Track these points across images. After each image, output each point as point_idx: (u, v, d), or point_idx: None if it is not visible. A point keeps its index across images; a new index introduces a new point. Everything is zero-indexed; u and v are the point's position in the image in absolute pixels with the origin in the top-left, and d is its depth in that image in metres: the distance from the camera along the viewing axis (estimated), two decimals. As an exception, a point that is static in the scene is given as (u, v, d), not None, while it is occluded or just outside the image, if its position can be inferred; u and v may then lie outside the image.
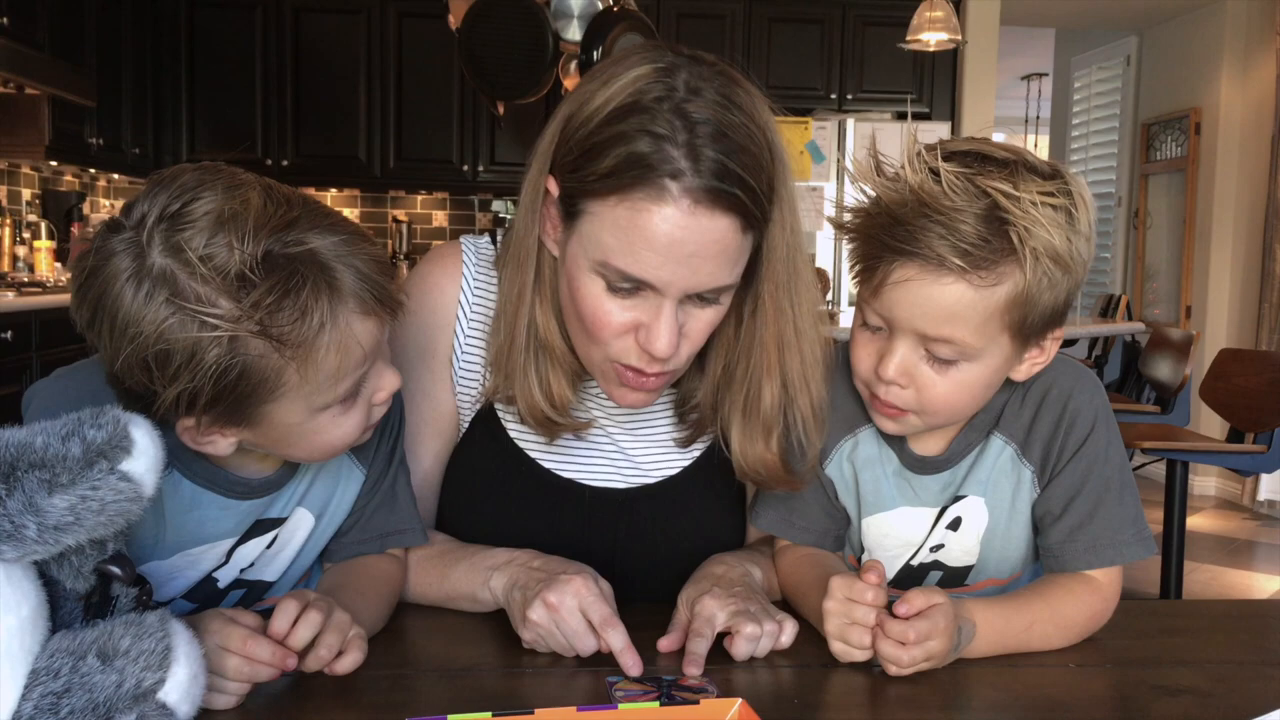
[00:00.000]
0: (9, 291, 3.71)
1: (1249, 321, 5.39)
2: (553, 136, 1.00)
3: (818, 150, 5.40)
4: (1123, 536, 1.03)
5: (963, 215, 0.91)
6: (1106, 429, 1.05)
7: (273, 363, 0.83)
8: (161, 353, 0.81)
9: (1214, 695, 0.90)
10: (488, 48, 3.89)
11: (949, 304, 0.93)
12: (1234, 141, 5.51)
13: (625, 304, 0.97)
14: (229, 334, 0.81)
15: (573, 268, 0.99)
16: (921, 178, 0.92)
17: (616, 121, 0.92)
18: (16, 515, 0.68)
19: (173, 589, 1.00)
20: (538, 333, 1.06)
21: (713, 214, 0.92)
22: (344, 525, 1.08)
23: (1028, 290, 0.93)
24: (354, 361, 0.88)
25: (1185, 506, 3.40)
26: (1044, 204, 0.91)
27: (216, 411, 0.85)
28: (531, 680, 0.92)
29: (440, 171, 5.70)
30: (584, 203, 0.95)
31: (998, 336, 0.96)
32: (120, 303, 0.81)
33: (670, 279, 0.94)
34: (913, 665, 0.91)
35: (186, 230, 0.81)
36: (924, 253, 0.91)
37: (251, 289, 0.81)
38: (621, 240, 0.93)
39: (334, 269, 0.85)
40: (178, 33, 5.44)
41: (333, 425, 0.91)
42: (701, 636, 0.94)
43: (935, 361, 0.97)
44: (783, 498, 1.12)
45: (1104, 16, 6.13)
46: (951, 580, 1.12)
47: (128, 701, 0.71)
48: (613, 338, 0.98)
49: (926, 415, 1.01)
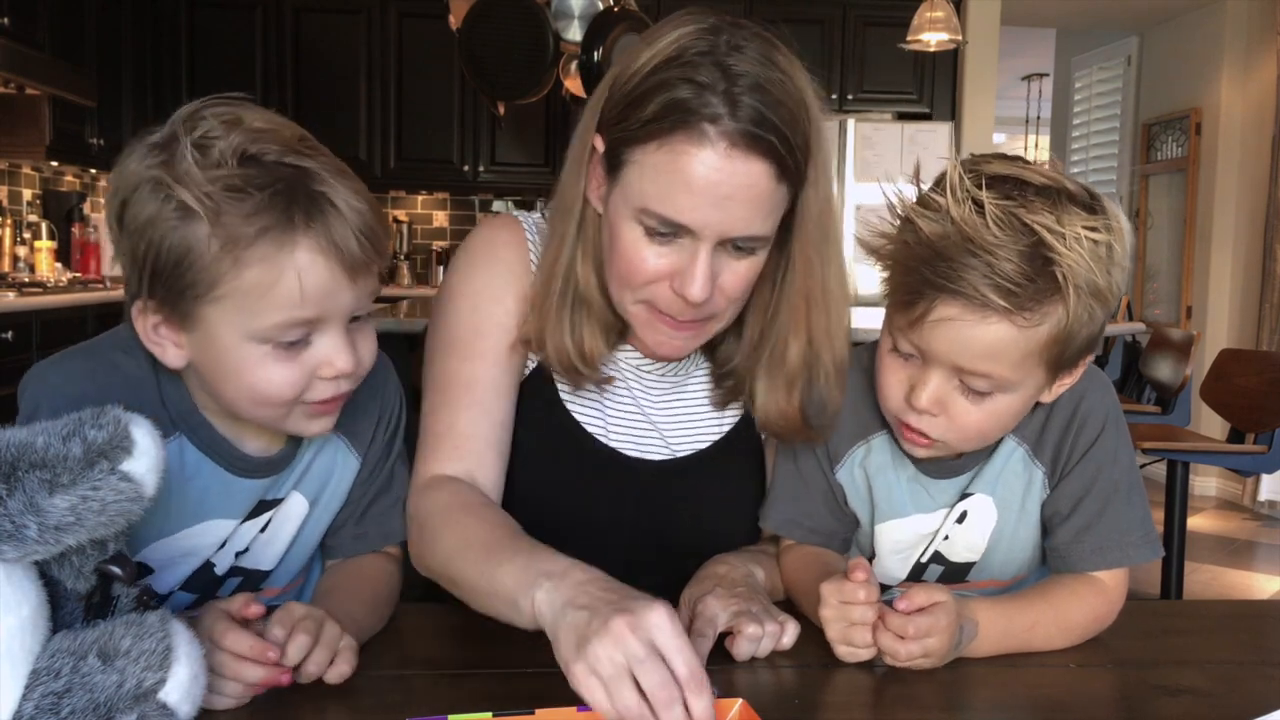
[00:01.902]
0: (10, 292, 3.71)
1: (1249, 322, 5.39)
2: (600, 94, 1.04)
3: (818, 150, 5.39)
4: (1130, 538, 1.03)
5: (1007, 252, 0.89)
6: (1116, 430, 1.05)
7: (212, 254, 0.85)
8: (134, 201, 0.87)
9: (1214, 695, 0.90)
10: (488, 48, 3.90)
11: (990, 342, 0.92)
12: (1235, 142, 5.51)
13: (662, 250, 0.99)
14: (178, 199, 0.84)
15: (615, 218, 1.01)
16: (964, 209, 0.90)
17: (660, 72, 0.96)
18: (17, 515, 0.68)
19: (174, 577, 1.00)
20: (577, 285, 1.07)
21: (748, 158, 0.95)
22: (340, 517, 1.08)
23: (1069, 327, 0.92)
24: (289, 295, 0.86)
25: (1186, 507, 3.40)
26: (1087, 239, 0.90)
27: (160, 296, 0.88)
28: (532, 680, 0.92)
29: (440, 172, 5.71)
30: (627, 152, 0.99)
31: (1035, 370, 0.95)
32: (125, 166, 0.88)
33: (706, 221, 0.96)
34: (909, 659, 0.91)
35: (207, 121, 0.87)
36: (967, 291, 0.90)
37: (220, 170, 0.85)
38: (661, 185, 0.96)
39: (316, 199, 0.87)
40: (178, 33, 5.45)
41: (260, 366, 0.89)
42: (703, 637, 0.94)
43: (970, 393, 0.96)
44: (792, 498, 1.12)
45: (1104, 17, 6.13)
46: (952, 576, 1.12)
47: (128, 701, 0.71)
48: (648, 284, 1.01)
49: (957, 443, 1.01)
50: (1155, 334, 4.06)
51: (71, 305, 3.92)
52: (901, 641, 0.90)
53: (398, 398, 1.09)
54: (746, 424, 1.18)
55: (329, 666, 0.87)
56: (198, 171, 0.85)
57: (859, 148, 5.38)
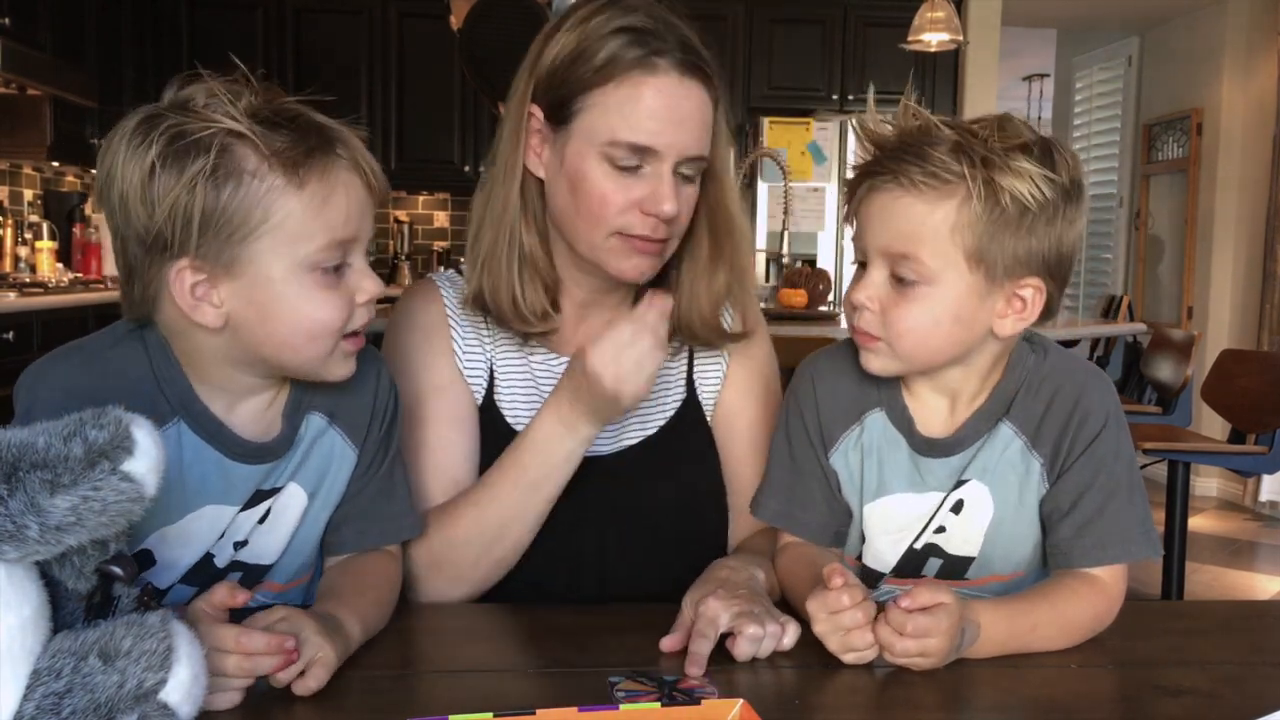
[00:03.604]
0: (11, 292, 3.71)
1: (1250, 322, 5.39)
2: (526, 74, 1.17)
3: (819, 151, 5.40)
4: (1130, 535, 1.04)
5: (933, 146, 0.98)
6: (1117, 429, 1.06)
7: (266, 182, 0.89)
8: (168, 155, 0.87)
9: (1215, 696, 0.90)
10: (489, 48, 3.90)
11: (903, 216, 0.99)
12: (1235, 142, 5.51)
13: (629, 182, 1.11)
14: (219, 139, 0.87)
15: (576, 162, 1.12)
16: (907, 121, 1.02)
17: (599, 27, 1.10)
18: (18, 516, 0.68)
19: (175, 568, 1.00)
20: (522, 247, 1.18)
21: (694, 82, 1.12)
22: (340, 513, 1.08)
23: (978, 215, 0.97)
24: (337, 214, 0.92)
25: (1187, 507, 3.40)
26: (1011, 145, 0.98)
27: (203, 249, 0.89)
28: (533, 680, 0.92)
29: (441, 172, 5.70)
30: (580, 101, 1.11)
31: (955, 260, 0.99)
32: (119, 151, 0.90)
33: (669, 142, 1.10)
34: (905, 655, 0.91)
35: (196, 96, 0.91)
36: (891, 171, 0.99)
37: (252, 112, 0.89)
38: (626, 114, 1.09)
39: (333, 129, 0.94)
40: (179, 33, 5.44)
41: (311, 297, 0.93)
42: (704, 637, 0.94)
43: (899, 284, 1.01)
44: (786, 487, 1.14)
45: (1105, 17, 6.13)
46: (951, 571, 1.12)
47: (129, 702, 0.71)
48: (618, 214, 1.11)
49: (896, 344, 1.03)
50: (1156, 334, 4.06)
51: (72, 305, 3.93)
52: (899, 638, 0.91)
53: (391, 392, 1.10)
54: (690, 407, 1.27)
55: (298, 678, 0.85)
56: (230, 107, 0.89)
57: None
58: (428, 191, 5.98)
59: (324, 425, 1.06)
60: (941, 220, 0.98)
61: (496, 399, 1.22)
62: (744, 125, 5.57)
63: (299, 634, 0.86)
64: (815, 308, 3.48)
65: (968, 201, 0.97)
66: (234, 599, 0.85)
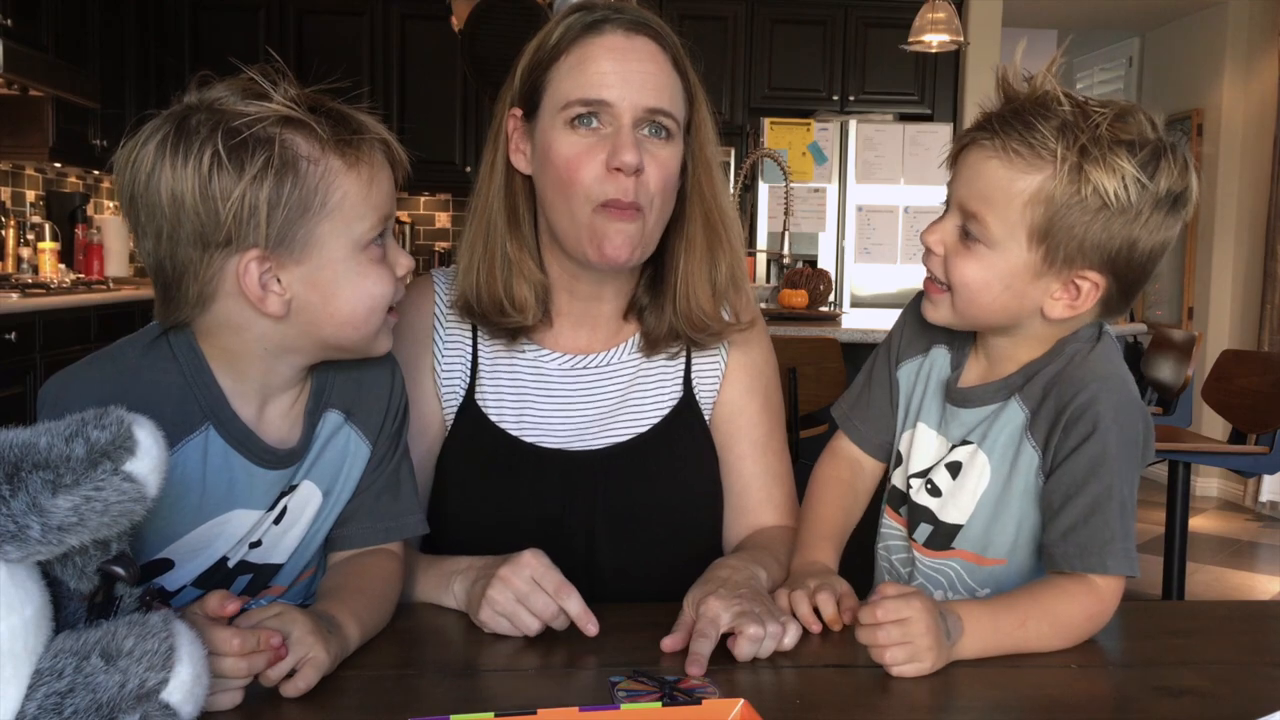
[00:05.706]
0: (13, 293, 3.71)
1: (1251, 323, 5.39)
2: (508, 84, 1.21)
3: (820, 152, 5.39)
4: (1111, 548, 1.01)
5: (1043, 119, 0.99)
6: (1117, 444, 1.03)
7: (324, 163, 0.92)
8: (226, 151, 0.89)
9: (1216, 696, 0.90)
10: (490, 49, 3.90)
11: (988, 177, 1.01)
12: (1236, 142, 5.51)
13: (591, 141, 1.13)
14: (278, 117, 0.90)
15: (545, 139, 1.16)
16: (1040, 85, 1.02)
17: (562, 22, 1.16)
18: (20, 516, 0.68)
19: (190, 571, 1.00)
20: (504, 247, 1.21)
21: (642, 36, 1.15)
22: (348, 509, 1.08)
23: (1054, 196, 0.98)
24: (382, 194, 0.97)
25: (1187, 507, 3.40)
26: (1118, 138, 0.98)
27: (274, 235, 0.91)
28: (534, 680, 0.92)
29: (443, 173, 5.70)
30: (543, 80, 1.17)
31: (1018, 233, 1.01)
32: (152, 136, 0.93)
33: (621, 94, 1.13)
34: (889, 643, 0.91)
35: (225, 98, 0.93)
36: (997, 132, 1.01)
37: (295, 103, 0.93)
38: (578, 76, 1.14)
39: (363, 115, 0.99)
40: (181, 34, 5.45)
41: (368, 274, 0.96)
42: (705, 637, 0.94)
43: (965, 237, 1.04)
44: (856, 394, 1.25)
45: (1106, 18, 6.13)
46: (937, 539, 1.14)
47: (131, 702, 0.72)
48: (591, 180, 1.13)
49: (955, 295, 1.06)
50: (1157, 335, 4.06)
51: (75, 306, 3.93)
52: (879, 626, 0.91)
53: (402, 391, 1.11)
54: (686, 407, 1.27)
55: (287, 679, 0.85)
56: (280, 96, 0.92)
57: (860, 149, 5.38)
58: (429, 192, 5.98)
59: (340, 422, 1.06)
60: (1019, 192, 1.00)
61: (477, 396, 1.24)
62: (744, 126, 5.58)
63: (289, 633, 0.86)
64: (816, 308, 3.48)
65: (1050, 181, 0.98)
66: (224, 609, 0.84)
